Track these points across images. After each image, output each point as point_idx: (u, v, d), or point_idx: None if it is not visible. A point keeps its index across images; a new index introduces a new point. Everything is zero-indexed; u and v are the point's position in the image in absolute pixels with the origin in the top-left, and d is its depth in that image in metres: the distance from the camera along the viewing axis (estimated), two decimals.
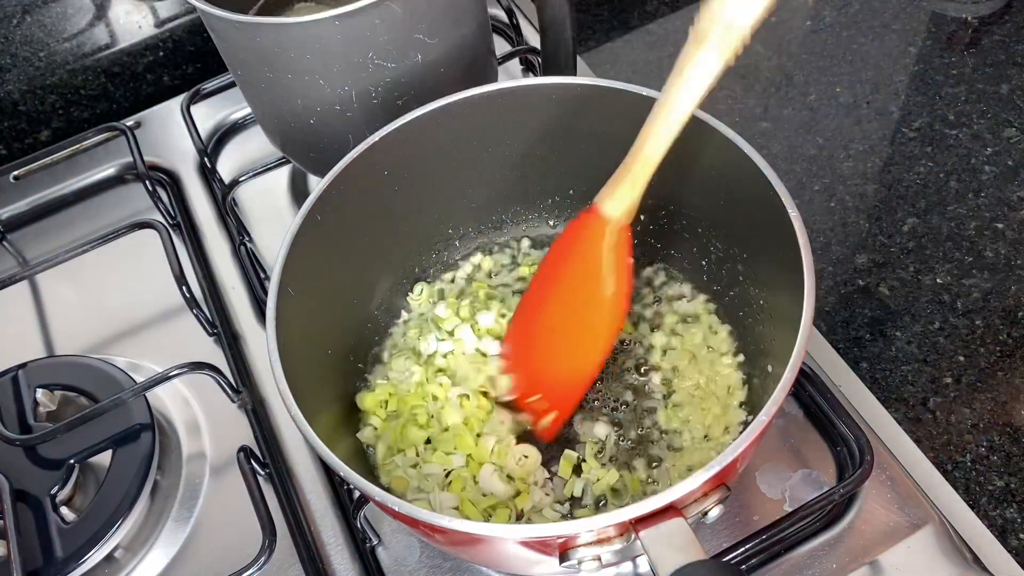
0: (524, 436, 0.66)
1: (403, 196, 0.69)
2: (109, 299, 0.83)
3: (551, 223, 0.77)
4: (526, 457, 0.63)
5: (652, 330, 0.70)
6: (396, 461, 0.64)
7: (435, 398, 0.66)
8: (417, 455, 0.64)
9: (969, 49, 0.99)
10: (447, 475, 0.63)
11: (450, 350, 0.69)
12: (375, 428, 0.66)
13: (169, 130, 0.96)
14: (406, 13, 0.67)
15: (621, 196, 0.59)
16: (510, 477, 0.63)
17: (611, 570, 0.62)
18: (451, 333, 0.70)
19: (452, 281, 0.75)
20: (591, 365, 0.63)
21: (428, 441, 0.65)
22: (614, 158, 0.70)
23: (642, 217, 0.73)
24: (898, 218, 0.86)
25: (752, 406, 0.64)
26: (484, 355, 0.69)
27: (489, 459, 0.63)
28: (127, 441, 0.68)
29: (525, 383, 0.65)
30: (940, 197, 0.87)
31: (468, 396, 0.66)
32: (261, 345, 0.77)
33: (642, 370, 0.69)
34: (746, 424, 0.57)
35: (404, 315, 0.73)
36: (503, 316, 0.70)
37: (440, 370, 0.69)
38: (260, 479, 0.67)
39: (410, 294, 0.74)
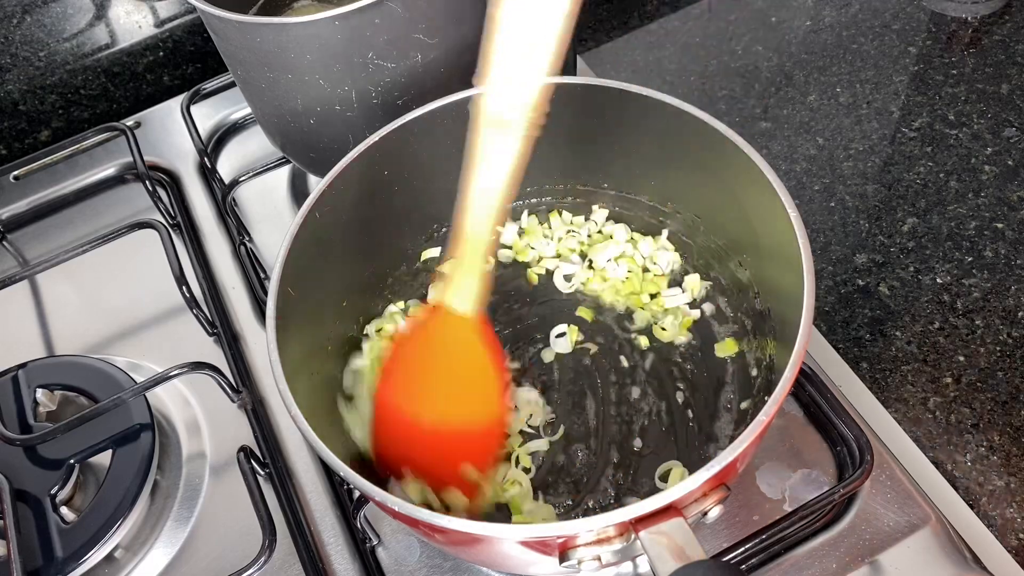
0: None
1: (403, 196, 0.69)
2: (109, 299, 0.83)
3: (552, 223, 0.77)
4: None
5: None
6: None
7: None
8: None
9: (969, 49, 0.99)
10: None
11: None
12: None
13: (169, 130, 0.96)
14: (406, 13, 0.67)
15: (467, 290, 0.59)
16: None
17: (611, 570, 0.62)
18: None
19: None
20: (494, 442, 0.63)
21: None
22: (614, 158, 0.70)
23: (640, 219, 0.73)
24: (898, 218, 0.86)
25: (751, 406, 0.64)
26: None
27: None
28: (127, 441, 0.68)
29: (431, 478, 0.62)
30: (940, 197, 0.87)
31: None
32: (261, 345, 0.77)
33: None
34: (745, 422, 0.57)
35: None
36: None
37: None
38: (260, 479, 0.67)
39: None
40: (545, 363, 0.70)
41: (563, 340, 0.71)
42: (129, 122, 0.95)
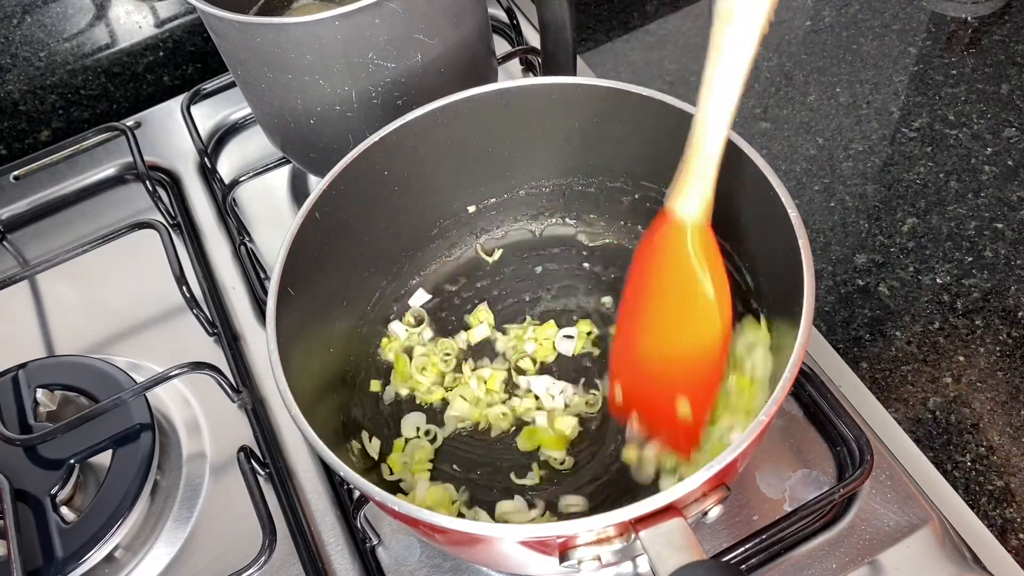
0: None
1: (403, 196, 0.69)
2: (109, 299, 0.83)
3: (552, 222, 0.77)
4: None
5: None
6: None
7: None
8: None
9: (969, 49, 0.99)
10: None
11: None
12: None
13: (169, 130, 0.96)
14: (406, 13, 0.67)
15: (694, 194, 0.54)
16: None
17: (611, 570, 0.62)
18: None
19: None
20: (714, 374, 0.58)
21: None
22: (614, 157, 0.70)
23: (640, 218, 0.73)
24: (898, 218, 0.86)
25: None
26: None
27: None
28: (127, 441, 0.68)
29: (644, 414, 0.60)
30: (940, 197, 0.87)
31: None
32: (261, 345, 0.77)
33: None
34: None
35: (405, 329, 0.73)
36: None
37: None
38: (260, 479, 0.67)
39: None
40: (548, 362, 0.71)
41: (569, 342, 0.71)
42: (129, 122, 0.95)
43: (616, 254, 0.75)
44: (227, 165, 0.93)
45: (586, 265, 0.75)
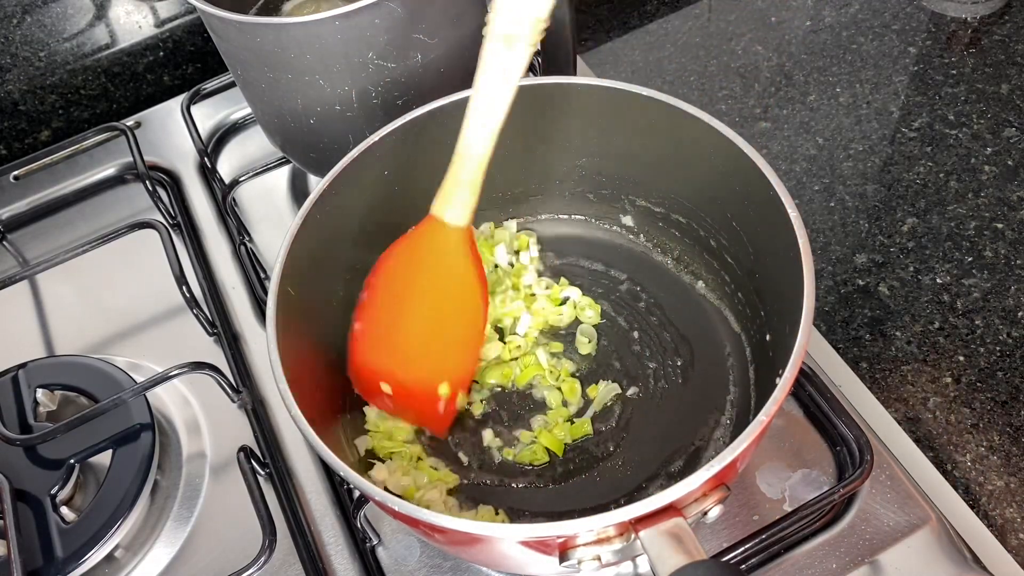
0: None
1: (403, 196, 0.69)
2: (109, 299, 0.83)
3: (551, 221, 0.77)
4: None
5: None
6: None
7: None
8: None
9: (969, 49, 0.99)
10: None
11: None
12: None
13: (169, 130, 0.96)
14: (406, 13, 0.68)
15: (460, 203, 0.60)
16: None
17: (611, 570, 0.62)
18: None
19: None
20: (472, 359, 0.66)
21: None
22: (614, 158, 0.70)
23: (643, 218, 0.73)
24: (898, 218, 0.86)
25: (752, 405, 0.64)
26: None
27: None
28: (127, 441, 0.68)
29: (400, 394, 0.65)
30: (940, 197, 0.87)
31: None
32: (261, 345, 0.77)
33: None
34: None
35: None
36: None
37: None
38: (260, 479, 0.67)
39: None
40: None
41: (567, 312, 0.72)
42: (129, 122, 0.95)
43: (615, 253, 0.75)
44: (227, 165, 0.93)
45: (584, 263, 0.75)
